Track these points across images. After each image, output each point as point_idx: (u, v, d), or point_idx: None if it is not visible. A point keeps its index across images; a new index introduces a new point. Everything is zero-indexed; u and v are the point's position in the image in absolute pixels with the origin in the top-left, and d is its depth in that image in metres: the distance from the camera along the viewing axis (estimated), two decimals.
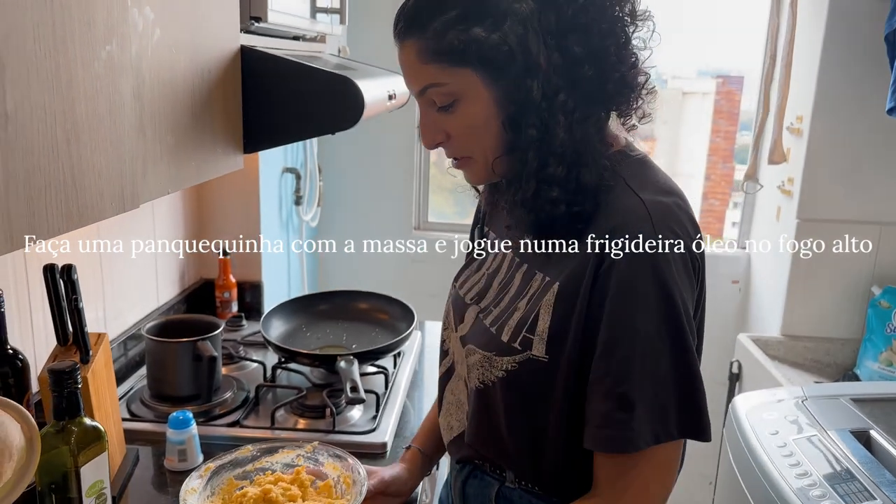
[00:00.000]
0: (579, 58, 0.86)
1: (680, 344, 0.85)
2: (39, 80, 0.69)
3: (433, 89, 0.91)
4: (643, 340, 0.84)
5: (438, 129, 0.95)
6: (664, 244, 0.85)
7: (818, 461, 1.50)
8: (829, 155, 2.27)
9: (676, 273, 0.85)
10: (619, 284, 0.85)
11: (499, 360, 0.96)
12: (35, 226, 0.70)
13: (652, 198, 0.89)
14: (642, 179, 0.92)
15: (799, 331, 2.39)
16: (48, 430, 0.96)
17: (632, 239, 0.85)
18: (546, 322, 0.91)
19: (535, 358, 0.92)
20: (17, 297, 1.31)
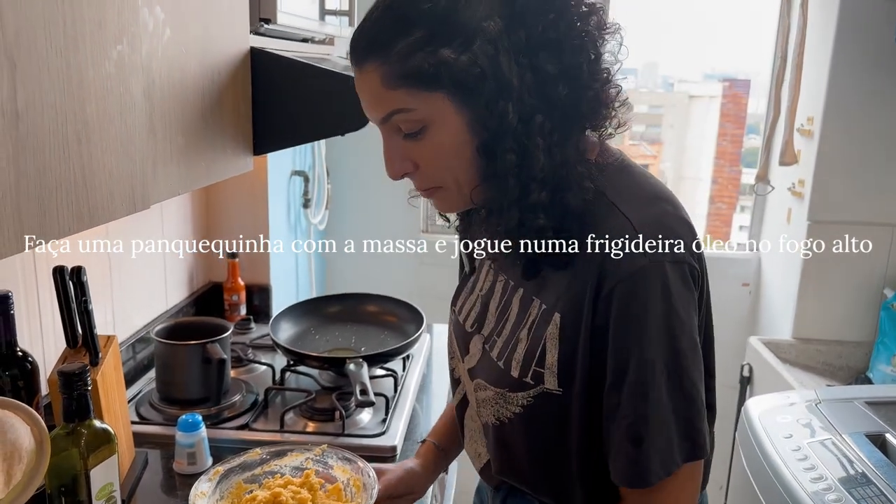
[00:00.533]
0: (553, 76, 0.81)
1: (679, 370, 0.82)
2: (50, 79, 0.69)
3: (399, 115, 0.84)
4: (644, 371, 0.81)
5: (405, 159, 0.89)
6: (659, 266, 0.81)
7: (833, 465, 1.48)
8: (840, 156, 2.25)
9: (675, 291, 0.82)
10: (617, 314, 0.82)
11: (513, 396, 0.92)
12: (46, 225, 0.70)
13: (638, 214, 0.84)
14: (625, 192, 0.88)
15: (810, 334, 2.37)
16: (58, 432, 0.95)
17: (626, 263, 0.82)
18: (554, 355, 0.88)
19: (549, 391, 0.89)
20: (27, 299, 1.31)
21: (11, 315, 1.09)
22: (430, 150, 0.86)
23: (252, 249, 2.13)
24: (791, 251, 2.41)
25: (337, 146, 2.71)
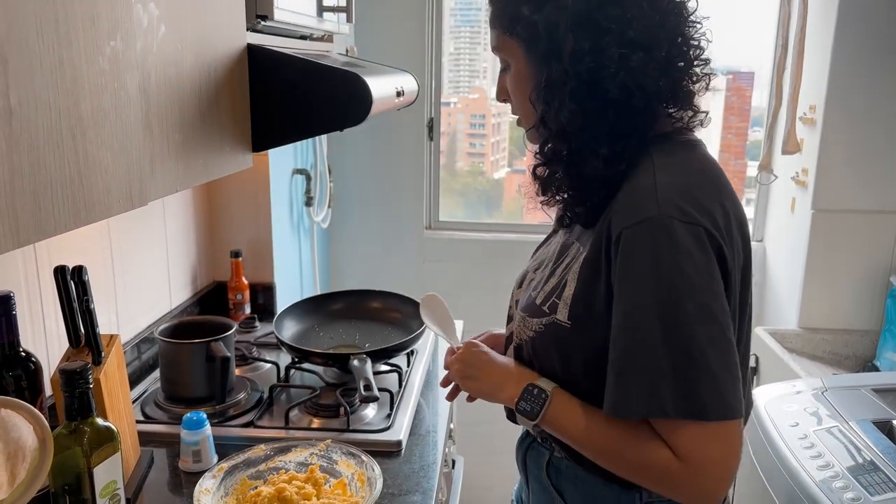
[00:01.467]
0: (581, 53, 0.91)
1: (674, 318, 0.85)
2: (43, 74, 0.69)
3: (497, 52, 1.04)
4: (636, 311, 0.87)
5: (502, 87, 1.07)
6: (668, 220, 0.86)
7: (840, 452, 1.47)
8: (843, 144, 2.24)
9: (683, 249, 0.86)
10: (621, 260, 0.89)
11: (530, 321, 1.03)
12: (42, 221, 0.70)
13: (667, 178, 0.91)
14: (671, 161, 0.95)
15: (817, 323, 2.36)
16: (60, 431, 0.95)
17: (635, 216, 0.89)
18: (571, 289, 0.97)
19: (558, 322, 0.97)
20: (30, 300, 1.31)
21: (13, 315, 1.10)
22: (511, 83, 1.04)
23: (255, 248, 2.13)
24: (795, 241, 2.40)
25: (338, 144, 2.71)
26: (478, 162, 3.06)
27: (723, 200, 0.93)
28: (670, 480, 0.90)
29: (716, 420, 0.85)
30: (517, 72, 1.01)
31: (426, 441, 1.45)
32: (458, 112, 3.00)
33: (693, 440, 0.87)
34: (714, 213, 0.89)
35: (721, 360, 0.86)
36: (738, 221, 0.95)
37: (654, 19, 0.92)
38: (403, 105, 1.68)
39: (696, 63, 0.98)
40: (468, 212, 2.98)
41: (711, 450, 0.87)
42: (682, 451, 0.87)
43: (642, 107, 0.93)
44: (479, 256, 2.75)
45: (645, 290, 0.87)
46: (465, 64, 2.97)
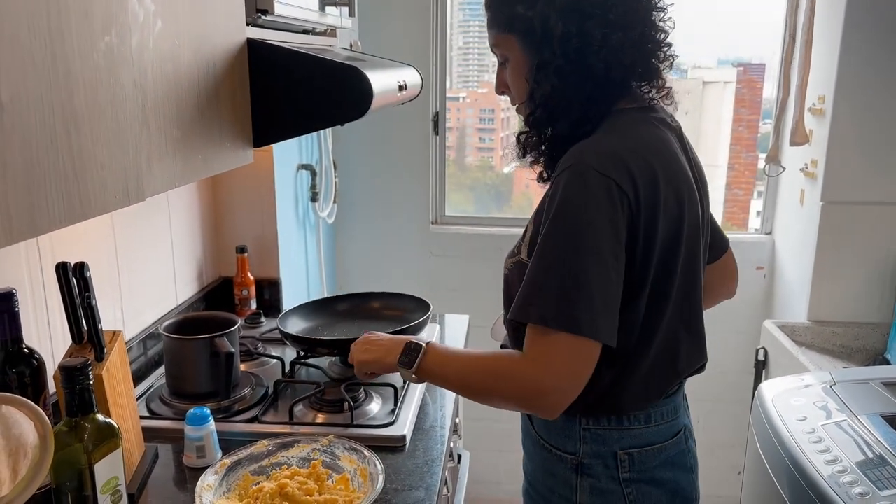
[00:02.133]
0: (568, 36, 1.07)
1: (571, 248, 1.01)
2: (35, 70, 0.69)
3: (495, 48, 1.18)
4: (544, 238, 1.03)
5: (501, 80, 1.20)
6: (584, 168, 1.02)
7: (848, 447, 1.46)
8: (853, 135, 2.21)
9: (591, 194, 1.01)
10: (549, 199, 1.06)
11: (506, 262, 1.19)
12: (36, 218, 0.70)
13: (599, 141, 1.07)
14: (611, 129, 1.09)
15: (826, 316, 2.34)
16: (61, 427, 0.96)
17: (566, 163, 1.05)
18: (530, 231, 1.12)
19: (522, 261, 1.12)
20: (34, 297, 1.32)
21: (16, 312, 1.10)
22: (510, 76, 1.17)
23: (261, 244, 2.13)
24: (805, 233, 2.38)
25: (343, 139, 2.70)
26: (487, 157, 3.05)
27: (651, 163, 1.05)
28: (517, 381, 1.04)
29: (566, 330, 0.99)
30: (515, 63, 1.15)
31: (431, 436, 1.44)
32: (466, 107, 2.99)
33: (545, 346, 1.02)
34: (633, 172, 1.03)
35: (600, 292, 1.00)
36: (674, 188, 1.08)
37: (631, 4, 1.08)
38: (407, 99, 1.67)
39: (663, 45, 1.13)
40: (478, 206, 2.97)
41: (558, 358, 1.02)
42: (532, 354, 1.03)
43: (619, 79, 1.10)
44: (485, 251, 2.74)
45: (556, 221, 1.02)
46: (473, 58, 2.95)
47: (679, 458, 1.19)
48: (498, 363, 1.09)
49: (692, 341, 1.18)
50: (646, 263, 1.06)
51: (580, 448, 1.16)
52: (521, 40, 1.11)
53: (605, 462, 1.15)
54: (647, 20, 1.10)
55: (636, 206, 1.03)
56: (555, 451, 1.19)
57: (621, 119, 1.11)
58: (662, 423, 1.17)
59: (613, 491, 1.15)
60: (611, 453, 1.15)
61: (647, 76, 1.13)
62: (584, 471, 1.16)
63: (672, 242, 1.08)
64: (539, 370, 1.02)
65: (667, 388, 1.16)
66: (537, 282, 1.03)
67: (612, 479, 1.15)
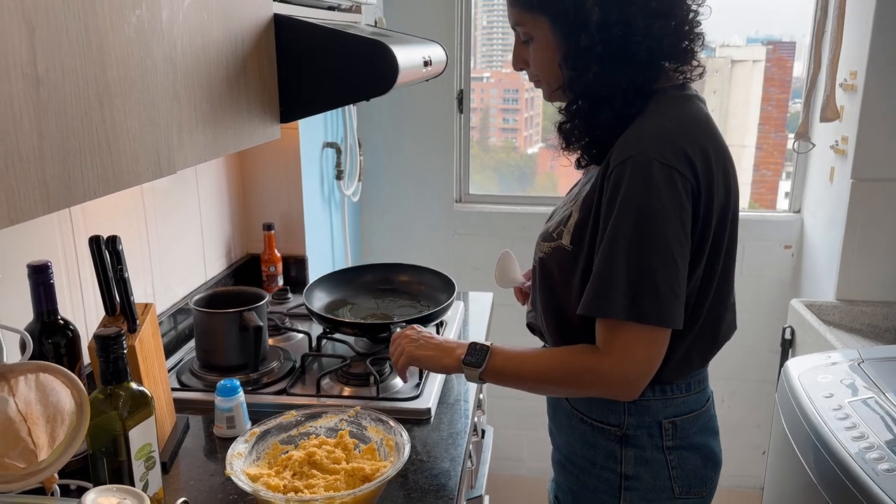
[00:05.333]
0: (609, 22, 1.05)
1: (638, 240, 1.02)
2: (70, 42, 0.70)
3: (518, 27, 1.16)
4: (611, 231, 1.04)
5: (520, 58, 1.19)
6: (646, 159, 1.03)
7: (875, 424, 1.45)
8: (885, 111, 2.17)
9: (655, 185, 1.02)
10: (610, 190, 1.06)
11: (541, 245, 1.21)
12: (72, 188, 0.72)
13: (656, 123, 1.08)
14: (662, 112, 1.10)
15: (855, 295, 2.31)
16: (96, 395, 0.98)
17: (625, 152, 1.05)
18: (575, 218, 1.14)
19: (562, 246, 1.15)
20: (68, 270, 1.35)
21: (51, 284, 1.13)
22: (534, 55, 1.16)
23: (287, 221, 2.16)
24: (834, 211, 2.34)
25: (368, 117, 2.71)
26: (511, 137, 3.04)
27: (704, 146, 1.07)
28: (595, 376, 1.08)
29: (646, 322, 1.03)
30: (542, 43, 1.13)
31: (455, 409, 1.46)
32: (490, 87, 2.97)
33: (623, 338, 1.05)
34: (691, 157, 1.04)
35: (667, 281, 1.03)
36: (723, 167, 1.10)
37: None
38: (431, 76, 1.67)
39: (698, 28, 1.13)
40: (502, 187, 2.97)
41: (636, 350, 1.06)
42: (609, 347, 1.07)
43: (659, 65, 1.11)
44: (509, 229, 2.74)
45: (621, 214, 1.03)
46: (498, 38, 2.93)
47: (710, 424, 1.24)
48: (576, 360, 1.11)
49: (730, 313, 1.22)
50: (702, 244, 1.09)
51: (624, 420, 1.18)
52: (552, 22, 1.10)
53: (650, 431, 1.18)
54: (685, 5, 1.10)
55: (696, 192, 1.05)
56: (596, 424, 1.21)
57: (665, 100, 1.12)
58: (699, 390, 1.21)
59: (657, 459, 1.18)
60: (655, 423, 1.18)
61: (683, 59, 1.14)
62: (629, 442, 1.19)
63: (722, 221, 1.11)
64: (619, 363, 1.06)
65: (708, 357, 1.21)
66: (607, 276, 1.04)
67: (656, 448, 1.18)
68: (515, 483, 2.89)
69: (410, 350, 1.26)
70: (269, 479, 1.09)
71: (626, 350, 1.06)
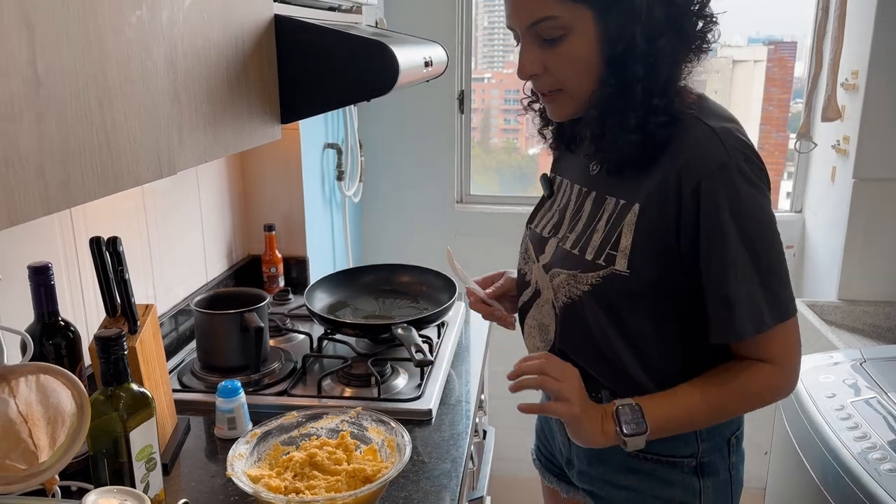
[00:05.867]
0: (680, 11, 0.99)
1: (759, 245, 0.98)
2: (70, 43, 0.70)
3: (546, 22, 0.98)
4: (728, 248, 0.97)
5: (538, 61, 1.03)
6: (738, 162, 0.97)
7: (878, 424, 1.45)
8: (887, 111, 2.17)
9: (752, 184, 0.97)
10: (707, 202, 0.97)
11: (583, 276, 1.08)
12: (71, 189, 0.71)
13: (718, 124, 1.00)
14: (706, 110, 1.03)
15: (857, 295, 2.31)
16: (97, 396, 0.98)
17: (709, 161, 0.97)
18: (628, 240, 1.03)
19: (618, 272, 1.04)
20: (69, 271, 1.35)
21: (52, 286, 1.13)
22: (564, 56, 1.01)
23: (288, 222, 2.15)
24: (836, 211, 2.34)
25: (369, 118, 2.71)
26: (512, 138, 3.03)
27: (747, 137, 1.03)
28: (775, 389, 1.05)
29: (792, 316, 1.01)
30: (582, 39, 0.99)
31: (456, 410, 1.46)
32: (491, 87, 2.97)
33: (782, 341, 1.02)
34: (753, 148, 1.01)
35: (785, 271, 1.01)
36: None
37: None
38: (432, 76, 1.67)
39: None
40: (503, 188, 2.97)
41: (792, 343, 1.03)
42: (775, 355, 1.02)
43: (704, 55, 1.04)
44: (510, 230, 2.72)
45: (733, 225, 0.97)
46: (499, 38, 2.93)
47: None
48: (750, 384, 1.04)
49: None
50: None
51: (698, 447, 1.12)
52: (598, 13, 0.97)
53: (722, 453, 1.14)
54: None
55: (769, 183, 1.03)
56: (669, 459, 1.13)
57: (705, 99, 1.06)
58: None
59: (726, 479, 1.15)
60: (724, 441, 1.14)
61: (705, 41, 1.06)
62: (706, 470, 1.13)
63: None
64: (788, 366, 1.04)
65: None
66: (743, 297, 0.98)
67: (726, 468, 1.15)
68: (517, 484, 2.88)
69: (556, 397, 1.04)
70: (271, 481, 1.09)
71: (787, 352, 1.03)
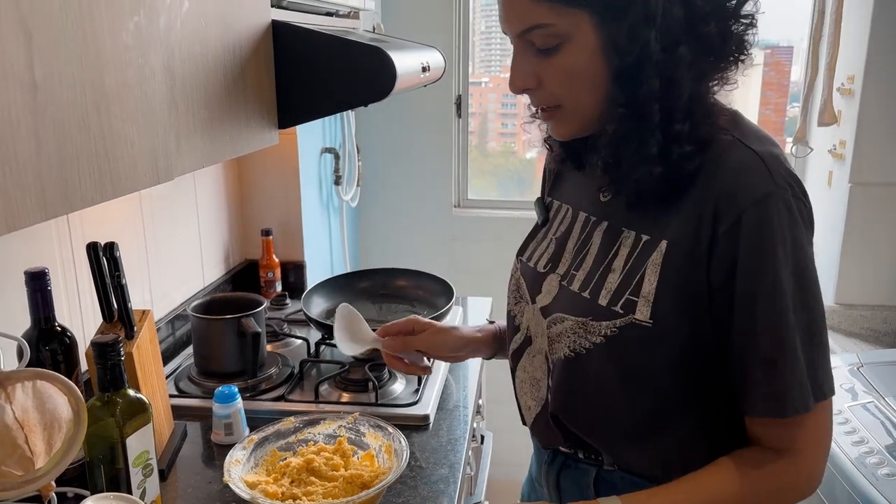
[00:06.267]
0: (703, 12, 0.81)
1: (806, 300, 0.81)
2: (67, 49, 0.70)
3: (538, 31, 0.84)
4: (778, 300, 0.80)
5: (531, 74, 0.88)
6: (786, 194, 0.81)
7: (875, 428, 1.45)
8: (883, 115, 2.18)
9: (799, 222, 0.81)
10: (747, 241, 0.80)
11: (596, 326, 0.89)
12: (68, 194, 0.71)
13: (763, 148, 0.84)
14: (745, 130, 0.87)
15: (854, 299, 2.31)
16: (93, 402, 0.98)
17: (753, 190, 0.80)
18: (652, 283, 0.85)
19: (638, 323, 0.86)
20: (65, 276, 1.34)
21: (49, 291, 1.12)
22: (560, 68, 0.85)
23: (286, 227, 2.15)
24: (832, 215, 2.35)
25: (367, 122, 2.71)
26: (509, 142, 3.04)
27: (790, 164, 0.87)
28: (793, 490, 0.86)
29: (831, 396, 0.83)
30: (580, 49, 0.83)
31: (454, 415, 1.45)
32: (489, 92, 2.97)
33: (813, 427, 0.83)
34: (798, 179, 0.84)
35: (826, 335, 0.84)
36: None
37: None
38: (430, 81, 1.67)
39: None
40: (501, 192, 2.97)
41: (825, 430, 0.85)
42: (801, 444, 0.83)
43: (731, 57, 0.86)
44: (508, 234, 2.73)
45: (780, 270, 0.80)
46: (496, 42, 2.94)
47: None
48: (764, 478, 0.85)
49: None
50: None
51: None
52: (601, 19, 0.81)
53: None
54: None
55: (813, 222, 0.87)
56: None
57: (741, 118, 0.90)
58: None
59: None
60: None
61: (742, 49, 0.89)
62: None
63: None
64: (814, 457, 0.85)
65: None
66: (784, 364, 0.80)
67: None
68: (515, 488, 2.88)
69: None
70: (268, 487, 1.09)
71: (816, 440, 0.84)
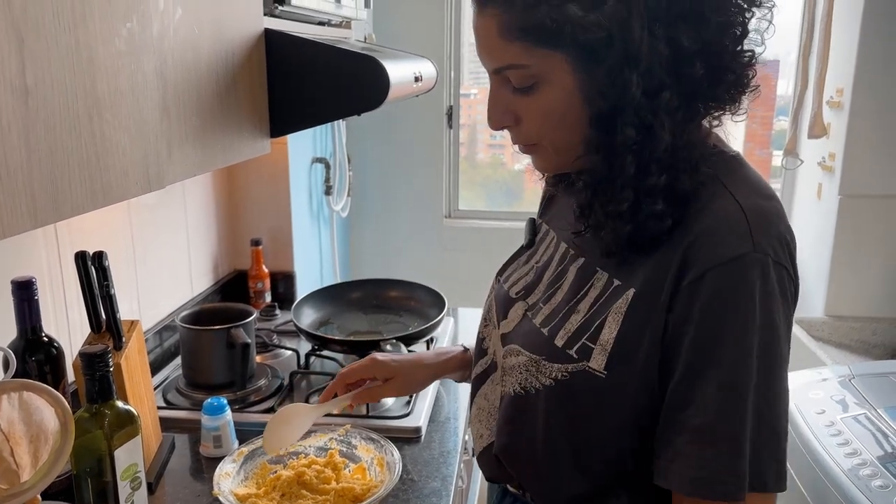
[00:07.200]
0: (690, 52, 0.73)
1: (772, 376, 0.73)
2: (59, 55, 0.69)
3: (513, 70, 0.78)
4: (731, 369, 0.72)
5: (508, 111, 0.83)
6: (763, 258, 0.72)
7: (867, 440, 1.45)
8: (872, 128, 2.19)
9: (774, 294, 0.73)
10: (706, 301, 0.73)
11: (547, 367, 0.84)
12: (59, 202, 0.70)
13: (750, 201, 0.76)
14: (739, 179, 0.79)
15: (844, 311, 2.32)
16: (81, 414, 0.96)
17: (725, 248, 0.73)
18: (612, 332, 0.79)
19: (592, 371, 0.80)
20: (52, 287, 1.32)
21: (35, 301, 1.10)
22: (536, 109, 0.80)
23: (275, 237, 2.14)
24: (822, 227, 2.36)
25: (358, 133, 2.71)
26: (498, 153, 3.04)
27: (788, 224, 0.79)
28: None
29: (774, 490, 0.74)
30: (556, 90, 0.77)
31: (446, 428, 1.44)
32: (478, 103, 2.98)
33: None
34: (791, 247, 0.76)
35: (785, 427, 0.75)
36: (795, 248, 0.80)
37: None
38: (422, 91, 1.67)
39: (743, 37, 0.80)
40: (490, 203, 2.97)
41: None
42: None
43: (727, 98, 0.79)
44: (499, 245, 2.72)
45: (740, 341, 0.72)
46: None
47: None
48: None
49: None
50: None
51: None
52: (577, 60, 0.75)
53: None
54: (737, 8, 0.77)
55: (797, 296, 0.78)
56: None
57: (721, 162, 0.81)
58: None
59: None
60: None
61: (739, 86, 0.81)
62: None
63: None
64: None
65: None
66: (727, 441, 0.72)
67: None
68: None
69: None
70: (258, 500, 1.07)
71: None
